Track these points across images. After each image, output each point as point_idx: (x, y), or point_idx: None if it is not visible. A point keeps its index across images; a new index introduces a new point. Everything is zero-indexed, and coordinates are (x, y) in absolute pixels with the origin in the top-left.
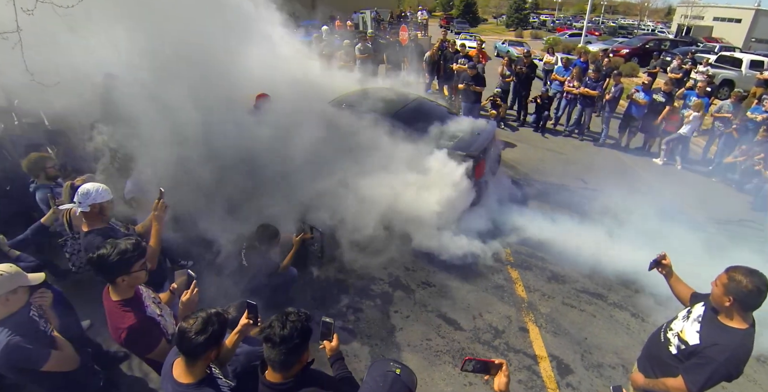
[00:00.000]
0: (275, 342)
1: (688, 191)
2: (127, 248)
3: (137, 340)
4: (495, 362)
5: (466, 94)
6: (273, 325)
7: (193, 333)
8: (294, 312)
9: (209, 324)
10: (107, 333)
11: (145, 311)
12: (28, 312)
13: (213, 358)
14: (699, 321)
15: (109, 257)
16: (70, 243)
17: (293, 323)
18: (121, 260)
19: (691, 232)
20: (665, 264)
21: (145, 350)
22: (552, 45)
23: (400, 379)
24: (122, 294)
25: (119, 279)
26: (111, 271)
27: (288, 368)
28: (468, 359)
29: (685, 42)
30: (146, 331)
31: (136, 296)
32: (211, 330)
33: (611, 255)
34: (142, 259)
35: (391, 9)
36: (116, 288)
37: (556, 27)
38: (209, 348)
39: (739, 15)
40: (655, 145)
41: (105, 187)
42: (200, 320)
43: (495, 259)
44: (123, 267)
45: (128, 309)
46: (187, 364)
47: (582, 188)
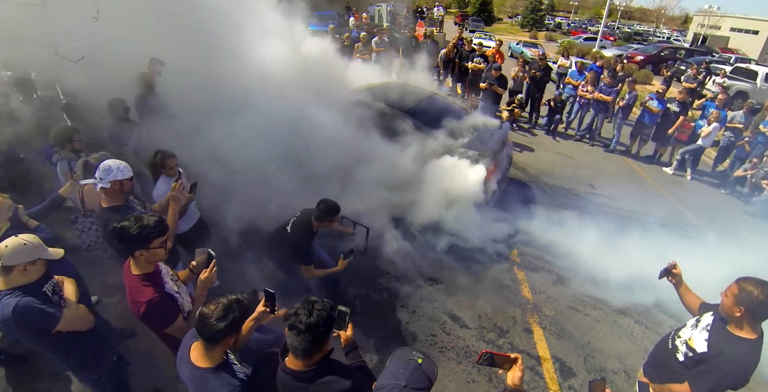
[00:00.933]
0: (301, 329)
1: (695, 201)
2: (148, 223)
3: (155, 315)
4: (511, 356)
5: (487, 94)
6: (299, 313)
7: (214, 319)
8: (319, 301)
9: (230, 311)
10: (114, 310)
11: (164, 287)
12: (42, 286)
13: (231, 345)
14: (708, 329)
15: (130, 229)
16: (80, 220)
17: (319, 311)
18: (141, 234)
19: (695, 241)
20: (675, 273)
21: (162, 325)
22: (566, 48)
23: (421, 368)
24: (143, 268)
25: (137, 252)
26: (130, 243)
27: (311, 356)
28: (485, 352)
29: (701, 51)
30: (164, 306)
31: (155, 272)
32: (231, 317)
33: (616, 261)
34: (162, 236)
35: (407, 4)
36: (137, 263)
37: (571, 30)
38: (229, 334)
39: (757, 27)
40: (665, 154)
41: (126, 164)
42: (221, 306)
43: (502, 259)
44: (142, 241)
45: (147, 284)
46: (206, 349)
47: (591, 193)
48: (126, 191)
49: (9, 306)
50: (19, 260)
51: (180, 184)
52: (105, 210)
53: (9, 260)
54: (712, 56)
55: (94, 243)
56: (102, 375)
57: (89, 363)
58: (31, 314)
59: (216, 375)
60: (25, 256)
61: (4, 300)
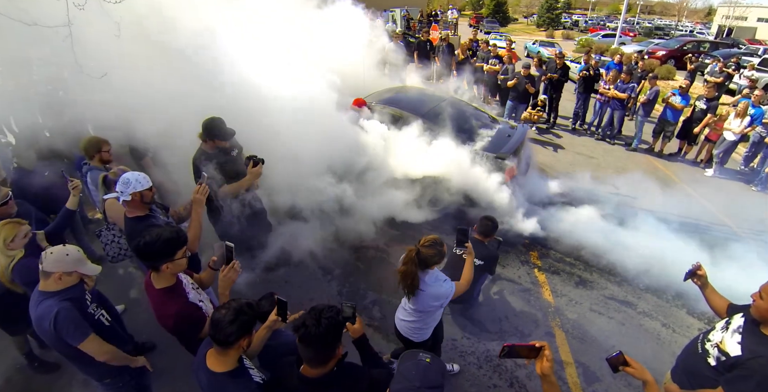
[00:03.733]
0: (311, 341)
1: (725, 199)
2: (171, 236)
3: (183, 326)
4: (536, 345)
5: (517, 92)
6: (307, 324)
7: (226, 323)
8: (326, 308)
9: (241, 314)
10: (136, 323)
11: (187, 297)
12: (82, 292)
13: (245, 347)
14: (740, 332)
15: (155, 244)
16: (104, 234)
17: (327, 320)
18: (166, 247)
19: (724, 242)
20: (700, 275)
21: (193, 334)
22: (584, 45)
23: (432, 367)
24: (165, 282)
25: (164, 266)
26: (156, 258)
27: (325, 363)
28: (507, 345)
29: (726, 44)
30: (190, 317)
31: (177, 283)
32: (243, 320)
33: (641, 262)
34: (184, 246)
35: (422, 8)
36: (159, 277)
37: (589, 27)
38: (241, 336)
39: None
40: (691, 152)
41: (144, 176)
42: (232, 309)
43: (522, 262)
44: (168, 253)
45: (172, 296)
46: (220, 354)
47: (613, 193)
48: (147, 201)
49: (51, 308)
50: (58, 268)
51: (203, 186)
52: (130, 221)
53: (49, 266)
54: (739, 48)
55: (118, 255)
56: (125, 383)
57: (112, 372)
58: (65, 321)
59: (232, 379)
60: (65, 266)
61: (46, 302)
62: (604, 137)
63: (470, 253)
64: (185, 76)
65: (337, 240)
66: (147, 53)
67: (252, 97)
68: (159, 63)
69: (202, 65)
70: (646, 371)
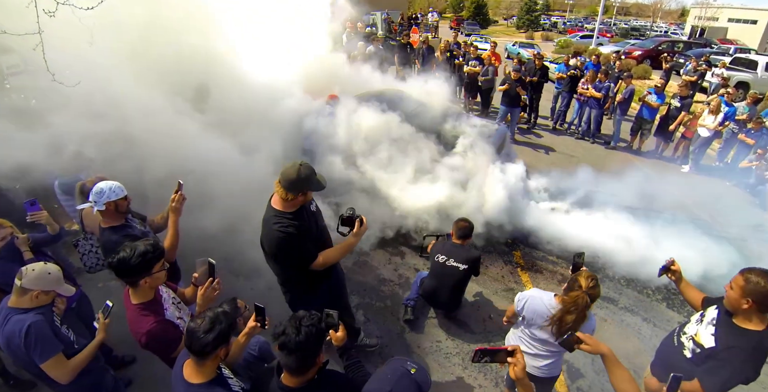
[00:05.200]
0: (291, 349)
1: (700, 193)
2: (147, 249)
3: (157, 344)
4: (508, 349)
5: (508, 96)
6: (287, 332)
7: (201, 332)
8: (306, 316)
9: (217, 323)
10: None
11: (164, 314)
12: (52, 314)
13: (222, 357)
14: (713, 324)
15: (131, 260)
16: (81, 244)
17: (308, 328)
18: (143, 261)
19: (698, 233)
20: (675, 270)
21: (166, 353)
22: (562, 46)
23: (410, 375)
24: (142, 297)
25: (142, 280)
26: (133, 273)
27: (305, 372)
28: (478, 349)
29: (699, 44)
30: (164, 334)
31: (155, 299)
32: (219, 329)
33: (621, 257)
34: (161, 259)
35: (402, 11)
36: (137, 291)
37: (567, 29)
38: (218, 346)
39: (755, 16)
40: (668, 149)
41: (119, 185)
42: (208, 319)
43: (506, 262)
44: (144, 268)
45: (147, 313)
46: (197, 364)
47: (593, 191)
48: (122, 211)
49: (23, 321)
50: (38, 286)
51: (180, 194)
52: (104, 231)
53: (29, 283)
54: (711, 48)
55: (96, 265)
56: None
57: (86, 390)
58: (35, 336)
59: (210, 390)
60: (44, 285)
61: (17, 316)
62: (584, 136)
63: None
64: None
65: None
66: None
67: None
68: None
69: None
70: (600, 344)
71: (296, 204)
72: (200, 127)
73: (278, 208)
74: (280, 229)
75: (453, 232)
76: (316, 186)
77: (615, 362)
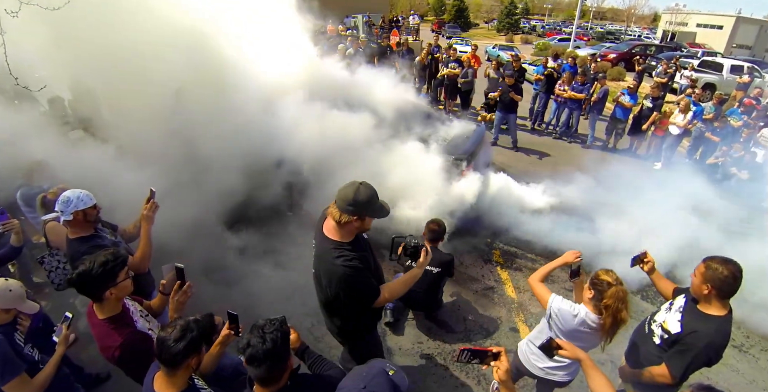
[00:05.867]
0: (261, 359)
1: (670, 189)
2: (107, 259)
3: (131, 357)
4: (493, 351)
5: (503, 102)
6: (253, 343)
7: (172, 341)
8: (267, 323)
9: (188, 331)
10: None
11: (135, 326)
12: (14, 333)
13: (194, 366)
14: (680, 311)
15: (92, 271)
16: (47, 260)
17: (272, 334)
18: (105, 271)
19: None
20: (647, 261)
21: (141, 366)
22: (541, 49)
23: (386, 374)
24: (109, 311)
25: (107, 292)
26: (97, 286)
27: (278, 380)
28: (463, 349)
29: (670, 47)
30: (139, 346)
31: (123, 311)
32: (190, 337)
33: (597, 252)
34: (125, 267)
35: (383, 14)
36: (102, 305)
37: (546, 32)
38: (189, 355)
39: (721, 22)
40: (641, 148)
41: (87, 193)
42: (178, 327)
43: (485, 261)
44: (108, 278)
45: (117, 326)
46: (168, 375)
47: (571, 189)
48: (91, 220)
49: None
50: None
51: (152, 203)
52: (72, 242)
53: None
54: (681, 51)
55: (64, 282)
56: None
57: None
58: None
59: None
60: (5, 303)
61: None
62: (561, 136)
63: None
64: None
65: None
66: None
67: None
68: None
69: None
70: (578, 349)
71: (352, 231)
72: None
73: (335, 238)
74: (345, 264)
75: (424, 234)
76: (377, 212)
77: (593, 367)
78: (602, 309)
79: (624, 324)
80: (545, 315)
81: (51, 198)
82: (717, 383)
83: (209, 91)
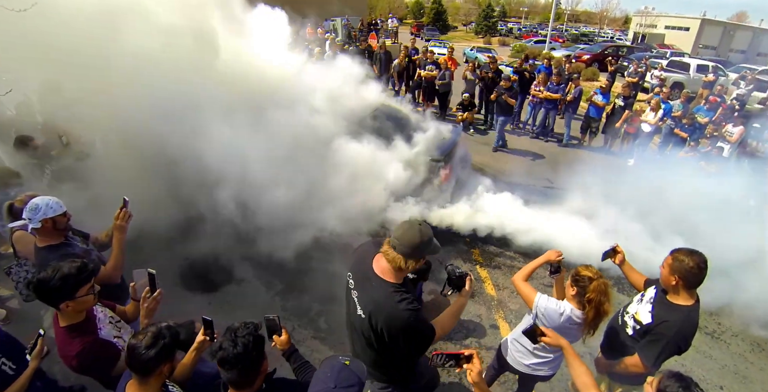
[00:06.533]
0: (232, 362)
1: (643, 184)
2: (70, 272)
3: (90, 365)
4: (465, 354)
5: (500, 106)
6: (224, 347)
7: (143, 348)
8: (241, 326)
9: (159, 338)
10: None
11: (97, 333)
12: None
13: (166, 373)
14: (651, 302)
15: (51, 282)
16: (14, 270)
17: (244, 338)
18: (64, 285)
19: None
20: (619, 252)
21: (102, 373)
22: (525, 53)
23: (348, 368)
24: (70, 318)
25: (63, 304)
26: (53, 297)
27: (251, 383)
28: (435, 353)
29: (641, 48)
30: (97, 354)
31: (87, 319)
32: (162, 343)
33: (574, 248)
34: (89, 283)
35: (362, 17)
36: (63, 314)
37: (523, 34)
38: (161, 362)
39: (688, 24)
40: (615, 145)
41: (56, 200)
42: (150, 334)
43: (464, 260)
44: (66, 292)
45: (77, 334)
46: (140, 383)
47: (547, 187)
48: (61, 228)
49: None
50: None
51: (125, 211)
52: (41, 250)
53: None
54: (651, 52)
55: (31, 292)
56: None
57: None
58: None
59: None
60: None
61: None
62: (538, 135)
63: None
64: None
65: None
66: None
67: None
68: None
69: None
70: (560, 337)
71: (406, 272)
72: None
73: (392, 281)
74: (409, 308)
75: None
76: (435, 248)
77: (573, 355)
78: (585, 303)
79: (607, 316)
80: (531, 315)
81: (19, 205)
82: (691, 369)
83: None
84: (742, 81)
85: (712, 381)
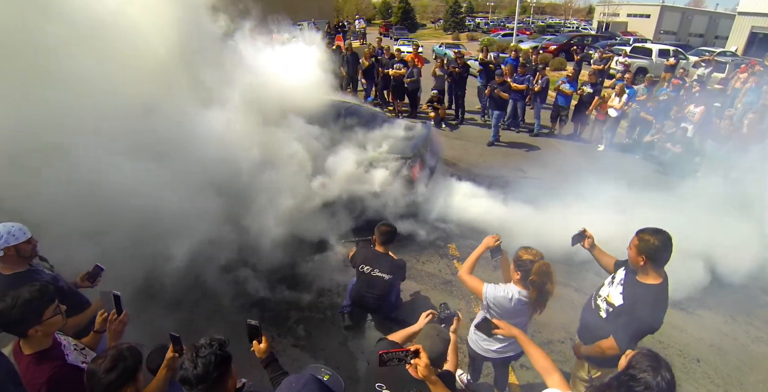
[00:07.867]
0: (192, 383)
1: (614, 168)
2: (33, 296)
3: (60, 391)
4: (411, 349)
5: (494, 101)
6: (185, 366)
7: (102, 372)
8: (204, 345)
9: (119, 360)
10: None
11: (65, 359)
12: None
13: None
14: (621, 283)
15: (13, 310)
16: None
17: (204, 358)
18: (28, 310)
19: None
20: (588, 236)
21: None
22: (487, 45)
23: (318, 381)
24: (37, 345)
25: (32, 330)
26: (19, 325)
27: None
28: (383, 352)
29: (605, 36)
30: (69, 380)
31: (54, 345)
32: (122, 366)
33: (550, 237)
34: (53, 303)
35: (329, 20)
36: (29, 341)
37: (491, 28)
38: (122, 385)
39: (648, 11)
40: (585, 132)
41: (19, 226)
42: (109, 358)
43: (441, 256)
44: (32, 317)
45: (45, 361)
46: None
47: (521, 177)
48: (25, 255)
49: None
50: None
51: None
52: (5, 278)
53: None
54: (615, 40)
55: None
56: None
57: None
58: None
59: None
60: None
61: None
62: (509, 127)
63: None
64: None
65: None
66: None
67: None
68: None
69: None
70: (513, 327)
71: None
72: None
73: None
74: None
75: (375, 238)
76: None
77: (528, 343)
78: (530, 285)
79: (550, 296)
80: (482, 306)
81: None
82: (669, 345)
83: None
84: (703, 64)
85: (689, 355)
